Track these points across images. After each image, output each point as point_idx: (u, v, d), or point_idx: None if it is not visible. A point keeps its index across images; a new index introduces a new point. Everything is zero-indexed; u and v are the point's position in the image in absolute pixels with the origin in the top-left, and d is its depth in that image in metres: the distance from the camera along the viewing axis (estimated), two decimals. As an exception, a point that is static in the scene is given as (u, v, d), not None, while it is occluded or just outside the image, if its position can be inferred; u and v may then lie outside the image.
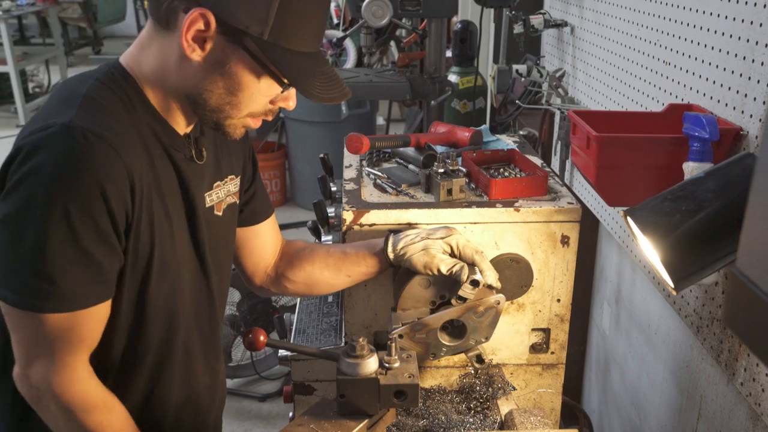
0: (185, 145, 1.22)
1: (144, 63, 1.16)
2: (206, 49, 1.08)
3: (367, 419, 1.22)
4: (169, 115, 1.19)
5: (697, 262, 1.00)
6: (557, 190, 1.61)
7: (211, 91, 1.12)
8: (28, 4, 7.80)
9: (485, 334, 1.41)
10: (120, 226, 1.08)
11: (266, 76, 1.12)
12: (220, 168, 1.32)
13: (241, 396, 3.31)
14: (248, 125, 1.20)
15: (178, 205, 1.21)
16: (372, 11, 2.29)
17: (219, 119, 1.17)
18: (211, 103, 1.14)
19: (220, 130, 1.19)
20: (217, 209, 1.31)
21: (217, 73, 1.11)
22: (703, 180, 1.01)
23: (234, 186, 1.36)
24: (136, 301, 1.17)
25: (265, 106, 1.18)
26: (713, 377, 1.48)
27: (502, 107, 2.68)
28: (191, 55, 1.08)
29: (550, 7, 2.48)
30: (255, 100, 1.15)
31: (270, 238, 1.53)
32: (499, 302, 1.38)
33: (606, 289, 2.26)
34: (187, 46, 1.07)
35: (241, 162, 1.40)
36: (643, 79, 1.71)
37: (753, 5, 1.23)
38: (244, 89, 1.13)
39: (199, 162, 1.24)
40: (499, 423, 1.43)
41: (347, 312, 1.60)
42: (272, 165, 5.38)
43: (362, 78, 2.63)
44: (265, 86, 1.14)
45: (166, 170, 1.18)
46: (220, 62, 1.10)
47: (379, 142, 1.79)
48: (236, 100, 1.14)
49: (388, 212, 1.53)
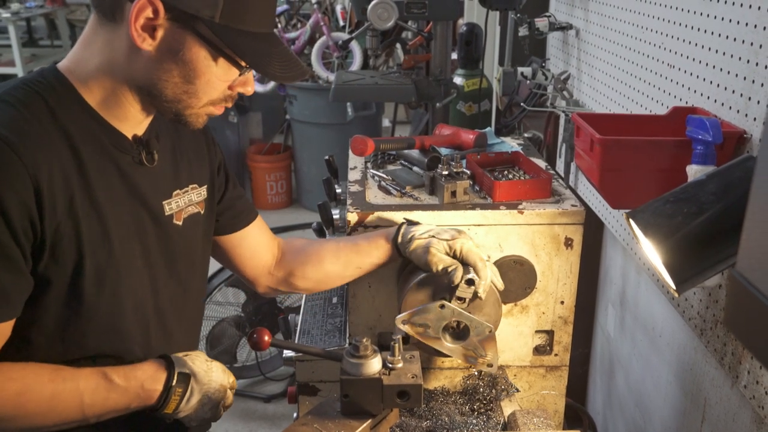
0: (132, 148, 1.17)
1: (88, 60, 1.11)
2: (157, 37, 1.05)
3: (371, 419, 1.23)
4: (117, 114, 1.14)
5: (698, 264, 1.01)
6: (561, 193, 1.61)
7: (166, 80, 1.09)
8: (36, 6, 7.85)
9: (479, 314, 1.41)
10: (22, 236, 1.02)
11: (222, 60, 1.09)
12: (179, 176, 1.28)
13: (246, 397, 3.32)
14: (211, 113, 1.17)
15: (124, 212, 1.16)
16: (378, 14, 2.30)
17: (178, 110, 1.13)
18: (168, 94, 1.11)
19: (181, 121, 1.16)
20: (176, 218, 1.26)
21: (170, 62, 1.07)
22: (705, 182, 1.02)
23: (197, 195, 1.31)
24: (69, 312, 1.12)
25: (224, 92, 1.15)
26: (717, 380, 1.48)
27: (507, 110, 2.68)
28: (142, 45, 1.05)
29: (556, 10, 2.49)
30: (213, 86, 1.12)
31: (261, 240, 1.51)
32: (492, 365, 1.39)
33: (610, 291, 2.26)
34: (137, 36, 1.04)
35: (207, 171, 1.35)
36: (648, 82, 1.71)
37: (757, 9, 1.23)
38: (200, 76, 1.09)
39: (149, 165, 1.19)
40: (502, 424, 1.43)
41: (351, 313, 1.61)
42: (278, 167, 5.40)
43: (368, 80, 2.64)
44: (222, 71, 1.11)
45: (107, 175, 1.13)
46: (172, 50, 1.07)
47: (383, 145, 1.80)
48: (193, 88, 1.10)
49: (392, 214, 1.53)
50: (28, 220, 1.02)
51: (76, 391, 1.11)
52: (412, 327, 1.36)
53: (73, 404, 1.11)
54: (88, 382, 1.12)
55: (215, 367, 1.25)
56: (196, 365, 1.22)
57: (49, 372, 1.11)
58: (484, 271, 1.36)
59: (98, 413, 1.14)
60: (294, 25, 5.55)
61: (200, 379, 1.21)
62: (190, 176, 1.31)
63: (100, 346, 1.17)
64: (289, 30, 5.37)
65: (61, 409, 1.11)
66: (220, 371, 1.26)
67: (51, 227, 1.05)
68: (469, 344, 1.38)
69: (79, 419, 1.13)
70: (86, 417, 1.14)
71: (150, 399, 1.17)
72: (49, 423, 1.12)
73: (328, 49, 4.98)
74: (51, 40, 9.51)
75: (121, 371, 1.16)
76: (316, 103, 4.91)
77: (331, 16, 5.24)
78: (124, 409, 1.16)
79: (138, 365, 1.19)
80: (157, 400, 1.17)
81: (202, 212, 1.33)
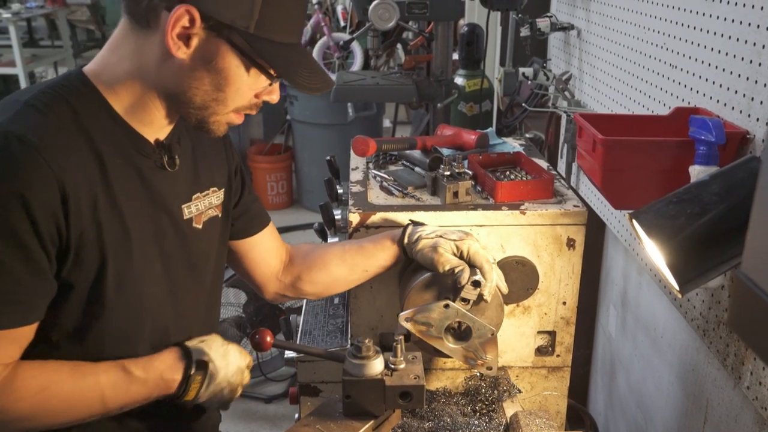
0: (155, 152, 1.18)
1: (116, 65, 1.12)
2: (191, 45, 1.06)
3: (373, 420, 1.22)
4: (141, 118, 1.15)
5: (701, 265, 1.01)
6: (563, 193, 1.61)
7: (198, 88, 1.10)
8: (37, 6, 7.86)
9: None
10: (48, 241, 1.02)
11: (254, 69, 1.11)
12: (199, 179, 1.28)
13: (247, 397, 3.32)
14: (232, 121, 1.18)
15: (145, 217, 1.17)
16: (379, 14, 2.30)
17: (204, 116, 1.15)
18: (197, 101, 1.12)
19: (203, 128, 1.17)
20: (196, 222, 1.27)
21: (203, 70, 1.09)
22: (708, 183, 1.01)
23: (216, 199, 1.32)
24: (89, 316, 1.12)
25: (251, 101, 1.17)
26: (719, 381, 1.48)
27: (509, 110, 2.68)
28: (176, 53, 1.06)
29: (557, 11, 2.49)
30: (241, 94, 1.14)
31: (271, 246, 1.51)
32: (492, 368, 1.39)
33: (612, 292, 2.26)
34: (172, 44, 1.05)
35: (225, 175, 1.36)
36: (650, 82, 1.71)
37: (760, 9, 1.23)
38: (231, 84, 1.11)
39: (170, 170, 1.20)
40: (504, 425, 1.43)
41: (353, 314, 1.61)
42: (279, 167, 5.40)
43: (369, 80, 2.63)
44: (252, 80, 1.13)
45: (129, 180, 1.14)
46: (206, 58, 1.08)
47: (385, 145, 1.80)
48: (223, 95, 1.12)
49: (394, 214, 1.53)
50: (55, 225, 1.03)
51: (96, 386, 1.12)
52: (414, 325, 1.35)
53: (94, 398, 1.12)
54: (108, 376, 1.14)
55: (232, 350, 1.26)
56: (213, 351, 1.22)
57: (69, 368, 1.12)
58: (491, 274, 1.36)
59: (120, 405, 1.15)
60: (295, 26, 5.55)
61: (218, 364, 1.22)
62: (210, 179, 1.31)
63: (118, 348, 1.18)
64: (290, 30, 5.37)
65: (83, 404, 1.12)
66: (237, 353, 1.26)
67: (76, 233, 1.05)
68: (470, 346, 1.38)
69: (101, 412, 1.14)
70: (108, 410, 1.15)
71: (170, 388, 1.18)
72: (72, 418, 1.13)
73: (329, 50, 4.98)
74: (51, 41, 9.51)
75: (140, 363, 1.17)
76: (317, 104, 4.90)
77: (332, 16, 5.24)
78: (144, 399, 1.17)
79: (156, 356, 1.19)
80: (177, 389, 1.18)
81: (219, 215, 1.34)
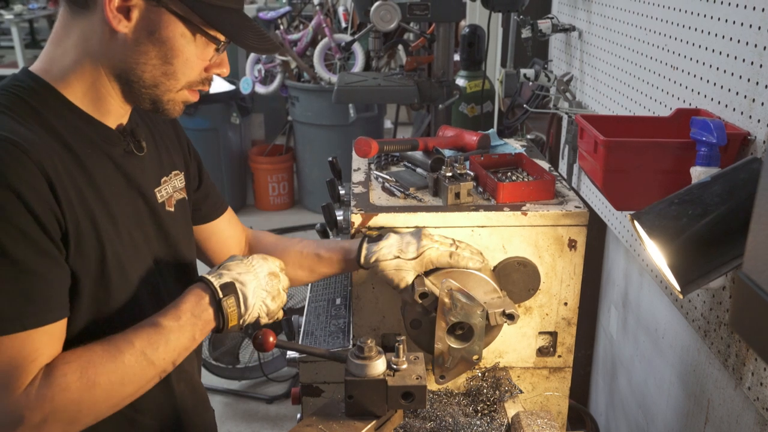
0: (120, 139, 1.18)
1: (62, 57, 1.11)
2: (132, 18, 1.06)
3: (375, 420, 1.23)
4: (99, 107, 1.14)
5: (703, 265, 1.01)
6: (565, 194, 1.61)
7: (145, 63, 1.09)
8: (39, 7, 7.87)
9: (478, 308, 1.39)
10: (53, 231, 1.01)
11: (199, 36, 1.10)
12: (162, 163, 1.29)
13: (249, 398, 3.33)
14: (187, 99, 1.17)
15: (125, 202, 1.17)
16: (380, 15, 2.31)
17: (157, 95, 1.14)
18: (146, 78, 1.11)
19: (159, 109, 1.16)
20: (168, 205, 1.27)
21: (147, 43, 1.08)
22: (710, 184, 1.02)
23: (179, 182, 1.33)
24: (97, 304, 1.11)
25: (201, 74, 1.16)
26: (720, 381, 1.48)
27: (510, 111, 2.69)
28: (118, 27, 1.05)
29: (558, 12, 2.49)
30: (191, 65, 1.13)
31: (232, 233, 1.51)
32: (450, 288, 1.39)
33: (613, 292, 2.26)
34: (112, 17, 1.04)
35: (181, 157, 1.36)
36: (651, 83, 1.71)
37: (761, 10, 1.23)
38: (179, 54, 1.10)
39: (139, 154, 1.20)
40: (505, 426, 1.43)
41: (355, 314, 1.61)
42: (280, 168, 5.41)
43: (370, 81, 2.64)
44: (199, 49, 1.12)
45: (103, 167, 1.13)
46: (149, 30, 1.07)
47: (387, 146, 1.80)
48: (171, 68, 1.11)
49: (396, 215, 1.54)
50: (52, 215, 1.02)
51: (134, 350, 1.08)
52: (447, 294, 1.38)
53: (139, 363, 1.08)
54: (141, 338, 1.10)
55: (254, 260, 1.22)
56: (233, 270, 1.19)
57: (100, 345, 1.08)
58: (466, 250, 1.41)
59: (171, 359, 1.12)
60: (296, 27, 5.56)
61: (244, 279, 1.18)
62: (171, 163, 1.32)
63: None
64: (292, 32, 5.38)
65: (131, 373, 1.08)
66: (260, 261, 1.22)
67: (72, 223, 1.05)
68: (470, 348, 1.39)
69: (157, 373, 1.11)
70: (163, 368, 1.11)
71: (209, 323, 1.15)
72: (132, 390, 1.09)
73: (330, 51, 4.98)
74: (53, 42, 9.51)
75: (168, 312, 1.14)
76: (319, 105, 4.91)
77: (334, 17, 5.24)
78: (190, 343, 1.14)
79: (180, 298, 1.16)
80: (215, 319, 1.15)
81: (185, 197, 1.35)
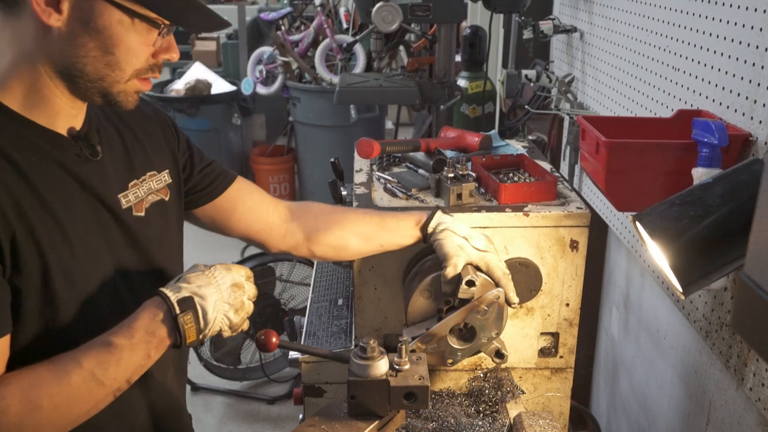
0: (71, 144, 1.12)
1: None
2: (63, 10, 1.00)
3: (378, 420, 1.23)
4: (45, 110, 1.08)
5: (704, 266, 1.01)
6: (566, 195, 1.62)
7: (84, 56, 1.03)
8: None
9: (494, 330, 1.41)
10: None
11: (138, 21, 1.04)
12: (133, 166, 1.23)
13: (250, 398, 3.33)
14: (138, 89, 1.11)
15: (79, 209, 1.12)
16: (382, 16, 2.31)
17: (105, 88, 1.08)
18: (89, 71, 1.05)
19: (111, 102, 1.10)
20: (136, 210, 1.21)
21: (84, 35, 1.02)
22: (711, 185, 1.02)
23: (157, 183, 1.27)
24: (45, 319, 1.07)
25: (148, 60, 1.09)
26: (722, 382, 1.49)
27: (512, 112, 2.69)
28: (49, 21, 1.00)
29: (560, 13, 2.50)
30: (134, 53, 1.06)
31: (255, 200, 1.46)
32: (499, 297, 1.38)
33: (615, 293, 2.26)
34: (41, 12, 0.99)
35: (167, 156, 1.31)
36: (653, 84, 1.72)
37: (762, 12, 1.23)
38: (119, 43, 1.04)
39: (94, 159, 1.14)
40: (507, 426, 1.43)
41: (357, 315, 1.61)
42: (281, 169, 5.41)
43: (372, 82, 2.64)
44: (140, 35, 1.06)
45: (50, 175, 1.08)
46: (83, 20, 1.01)
47: (389, 147, 1.80)
48: (114, 58, 1.05)
49: (398, 216, 1.54)
50: None
51: (81, 371, 1.04)
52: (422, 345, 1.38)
53: (86, 384, 1.04)
54: (90, 357, 1.05)
55: (216, 271, 1.14)
56: (193, 283, 1.11)
57: (45, 365, 1.04)
58: (511, 284, 1.38)
59: (122, 378, 1.07)
60: (297, 28, 5.56)
61: (204, 292, 1.10)
62: (146, 164, 1.26)
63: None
64: (293, 32, 5.38)
65: (79, 395, 1.03)
66: (223, 271, 1.15)
67: (6, 236, 1.01)
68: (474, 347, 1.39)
69: (108, 393, 1.06)
70: (114, 388, 1.06)
71: (164, 340, 1.09)
72: (79, 412, 1.05)
73: (331, 52, 4.99)
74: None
75: (120, 330, 1.08)
76: (320, 105, 4.92)
77: (335, 18, 5.25)
78: (144, 360, 1.09)
79: (134, 315, 1.10)
80: (171, 336, 1.09)
81: (167, 198, 1.29)
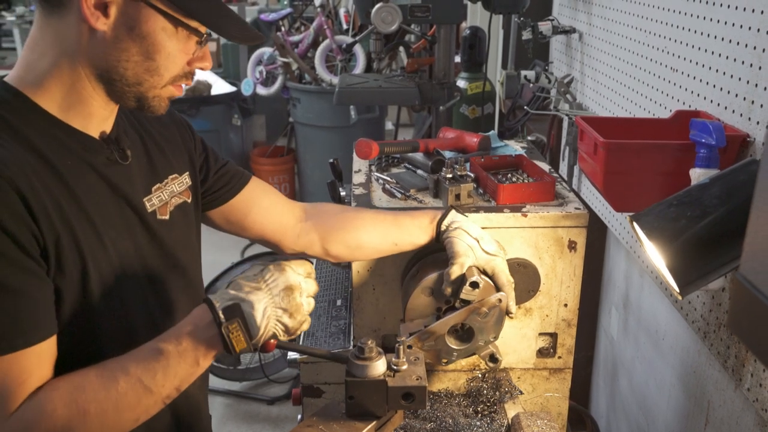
0: (103, 147, 1.14)
1: (38, 62, 1.07)
2: (110, 15, 1.03)
3: (375, 421, 1.23)
4: (80, 112, 1.10)
5: (702, 267, 1.01)
6: (565, 196, 1.62)
7: (126, 60, 1.06)
8: (41, 9, 7.88)
9: (492, 334, 1.42)
10: (31, 248, 0.99)
11: (181, 29, 1.07)
12: (155, 170, 1.25)
13: (250, 399, 3.33)
14: (172, 94, 1.14)
15: (110, 212, 1.13)
16: (381, 17, 2.31)
17: (141, 93, 1.10)
18: (129, 76, 1.08)
19: (144, 107, 1.13)
20: (161, 213, 1.23)
21: (128, 39, 1.05)
22: (708, 186, 1.02)
23: (179, 185, 1.29)
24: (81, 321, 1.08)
25: (184, 68, 1.13)
26: (720, 383, 1.49)
27: (511, 113, 2.69)
28: (96, 25, 1.02)
29: (559, 14, 2.50)
30: (173, 60, 1.10)
31: (270, 201, 1.47)
32: (501, 300, 1.38)
33: (614, 294, 2.27)
34: (90, 15, 1.01)
35: (185, 158, 1.33)
36: (651, 85, 1.72)
37: (760, 13, 1.24)
38: (161, 49, 1.07)
39: (123, 163, 1.16)
40: (505, 427, 1.43)
41: (356, 315, 1.62)
42: (281, 169, 5.41)
43: (371, 83, 2.64)
44: (181, 42, 1.09)
45: (85, 178, 1.10)
46: (128, 26, 1.04)
47: (388, 148, 1.81)
48: (154, 64, 1.08)
49: (396, 217, 1.54)
50: (30, 233, 0.99)
51: (129, 378, 1.03)
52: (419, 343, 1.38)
53: (134, 391, 1.03)
54: (138, 364, 1.04)
55: (267, 274, 1.10)
56: (242, 289, 1.08)
57: (94, 370, 1.04)
58: (513, 293, 1.38)
59: (171, 385, 1.06)
60: (297, 29, 5.57)
61: (253, 298, 1.07)
62: (167, 167, 1.28)
63: (114, 350, 1.11)
64: (293, 33, 5.38)
65: (126, 400, 1.02)
66: (275, 274, 1.10)
67: (51, 239, 1.02)
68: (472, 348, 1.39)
69: (156, 401, 1.05)
70: (162, 395, 1.05)
71: (212, 347, 1.07)
72: (127, 420, 1.04)
73: (331, 53, 4.99)
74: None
75: (170, 335, 1.07)
76: (320, 106, 4.92)
77: (335, 19, 5.25)
78: (193, 368, 1.07)
79: (184, 320, 1.09)
80: (219, 345, 1.06)
81: (189, 200, 1.31)
